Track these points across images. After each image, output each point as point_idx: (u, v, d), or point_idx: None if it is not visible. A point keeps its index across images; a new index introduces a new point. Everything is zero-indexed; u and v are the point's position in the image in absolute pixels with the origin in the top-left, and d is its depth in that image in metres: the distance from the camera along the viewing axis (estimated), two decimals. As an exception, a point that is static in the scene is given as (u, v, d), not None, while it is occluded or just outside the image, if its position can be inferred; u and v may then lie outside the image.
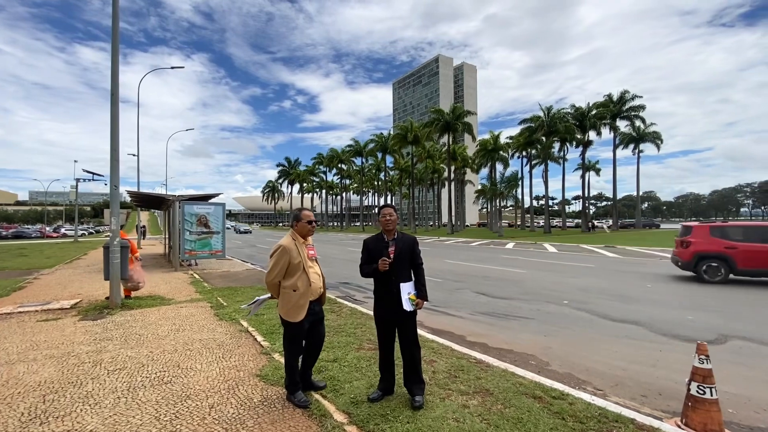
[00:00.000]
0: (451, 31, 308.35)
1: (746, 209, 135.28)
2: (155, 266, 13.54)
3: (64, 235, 53.03)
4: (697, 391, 2.92)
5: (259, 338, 4.82)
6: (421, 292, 3.13)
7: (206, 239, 12.55)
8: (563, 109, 41.38)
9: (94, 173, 29.56)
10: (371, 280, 3.22)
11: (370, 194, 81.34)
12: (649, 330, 5.62)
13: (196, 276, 10.82)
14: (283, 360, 3.61)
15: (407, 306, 3.00)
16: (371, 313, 6.53)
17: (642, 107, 43.07)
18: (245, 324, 5.49)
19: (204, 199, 13.83)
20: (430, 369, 3.82)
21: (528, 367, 4.23)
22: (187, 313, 6.36)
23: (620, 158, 46.27)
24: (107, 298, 6.96)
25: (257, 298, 3.49)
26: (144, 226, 25.42)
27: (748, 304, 7.19)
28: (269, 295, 3.27)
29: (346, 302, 7.32)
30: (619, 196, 52.07)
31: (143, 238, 24.48)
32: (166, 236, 17.59)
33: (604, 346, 4.96)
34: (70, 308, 6.71)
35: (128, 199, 20.17)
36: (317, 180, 77.18)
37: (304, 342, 3.18)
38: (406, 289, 3.04)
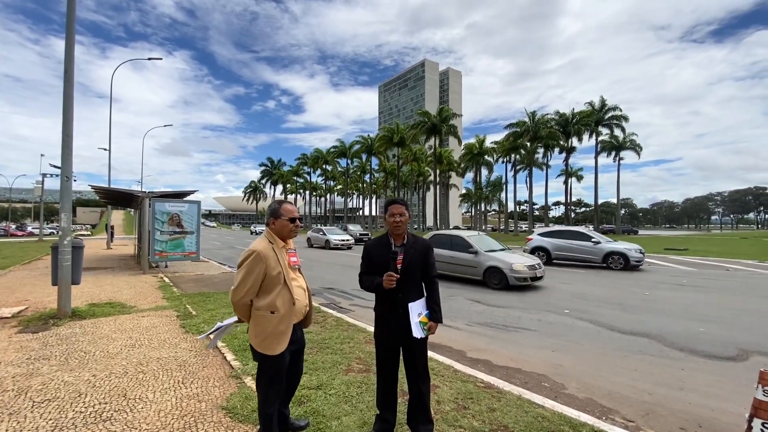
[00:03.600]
0: (435, 37, 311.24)
1: (717, 217, 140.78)
2: (122, 268, 12.50)
3: (31, 234, 50.25)
4: (762, 431, 2.40)
5: (230, 356, 4.10)
6: (434, 313, 2.49)
7: (179, 240, 11.62)
8: (548, 114, 41.80)
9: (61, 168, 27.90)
10: (359, 284, 2.57)
11: (354, 196, 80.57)
12: (662, 344, 5.17)
13: (166, 280, 9.91)
14: (255, 386, 2.77)
15: (417, 332, 2.37)
16: (360, 324, 5.90)
17: (625, 117, 43.95)
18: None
19: (178, 196, 12.87)
20: (434, 398, 3.20)
21: (543, 391, 3.67)
22: (148, 324, 5.56)
23: (598, 166, 46.85)
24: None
25: (219, 323, 2.56)
26: (113, 226, 23.95)
27: (754, 314, 6.87)
28: (236, 318, 2.48)
29: (330, 311, 6.65)
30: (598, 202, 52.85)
31: (111, 240, 23.03)
32: (136, 236, 16.45)
33: (620, 364, 4.46)
34: (11, 317, 5.80)
35: (95, 194, 18.80)
36: (301, 181, 75.84)
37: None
38: (417, 310, 2.40)
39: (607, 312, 7.00)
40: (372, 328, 5.41)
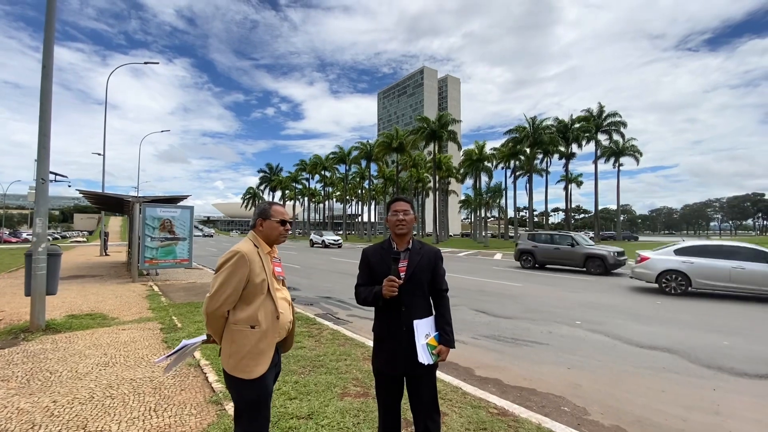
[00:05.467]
0: (433, 45, 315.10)
1: (716, 223, 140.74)
2: (112, 276, 12.04)
3: (26, 240, 49.70)
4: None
5: (212, 377, 3.67)
6: (445, 335, 2.04)
7: (170, 246, 11.18)
8: (547, 120, 41.62)
9: (57, 174, 27.49)
10: (355, 297, 2.15)
11: (353, 202, 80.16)
12: (687, 360, 4.76)
13: (155, 288, 9.47)
14: (234, 422, 2.11)
15: (424, 356, 1.92)
16: (357, 337, 5.45)
17: (624, 123, 43.91)
18: (197, 355, 4.32)
19: (170, 201, 12.46)
20: (442, 429, 2.78)
21: (563, 416, 3.26)
22: (127, 338, 5.12)
23: (593, 172, 46.79)
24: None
25: (185, 341, 2.09)
26: (107, 232, 23.50)
27: (775, 326, 6.47)
28: (203, 337, 2.07)
29: (326, 322, 6.21)
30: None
31: (106, 247, 22.55)
32: (128, 242, 16.01)
33: (644, 383, 4.04)
34: (-20, 331, 5.36)
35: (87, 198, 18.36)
36: (299, 187, 75.46)
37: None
38: (424, 329, 1.98)
39: (620, 323, 6.58)
40: (371, 343, 4.99)
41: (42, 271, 5.37)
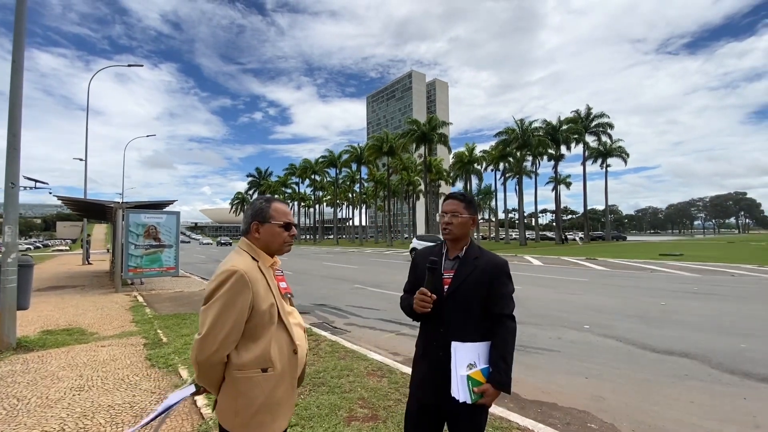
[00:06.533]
0: (420, 50, 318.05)
1: (699, 222, 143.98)
2: (93, 286, 11.44)
3: None
4: None
5: (200, 401, 3.28)
6: (497, 372, 1.55)
7: (156, 254, 10.67)
8: (535, 122, 41.89)
9: (36, 180, 26.40)
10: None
11: (344, 206, 79.67)
12: (708, 365, 4.52)
13: (140, 299, 8.95)
14: None
15: (460, 391, 1.49)
16: (358, 349, 5.04)
17: (611, 125, 44.50)
18: (185, 374, 3.92)
19: (155, 207, 11.93)
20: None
21: (593, 436, 2.96)
22: (107, 356, 4.68)
23: (581, 174, 47.32)
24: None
25: (168, 401, 1.58)
26: (89, 240, 22.67)
27: (785, 325, 6.31)
28: (192, 388, 1.57)
29: (323, 332, 5.85)
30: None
31: (88, 255, 21.72)
32: (111, 250, 15.34)
33: (669, 393, 3.77)
34: (-58, 351, 4.85)
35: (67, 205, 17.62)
36: (289, 192, 74.72)
37: None
38: (466, 357, 1.55)
39: (630, 326, 6.35)
40: (375, 355, 4.65)
41: (12, 284, 4.90)
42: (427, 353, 1.66)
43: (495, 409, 3.24)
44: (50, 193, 36.64)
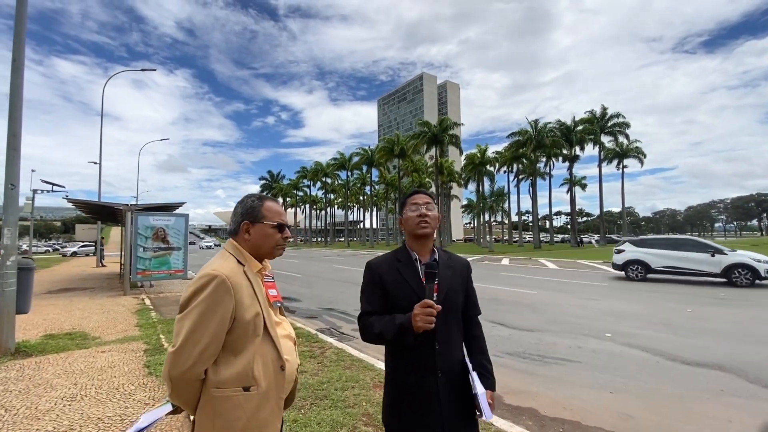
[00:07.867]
0: (430, 52, 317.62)
1: (720, 224, 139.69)
2: (104, 289, 11.46)
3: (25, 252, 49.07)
4: None
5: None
6: (487, 375, 1.46)
7: (164, 256, 10.61)
8: (549, 123, 41.11)
9: (54, 183, 27.12)
10: (360, 333, 1.53)
11: (355, 209, 79.68)
12: (744, 379, 4.13)
13: (147, 302, 8.88)
14: None
15: (485, 411, 1.29)
16: (365, 357, 4.68)
17: (627, 124, 43.37)
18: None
19: (164, 209, 11.92)
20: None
21: (623, 462, 2.64)
22: (105, 362, 4.53)
23: (595, 175, 46.20)
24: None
25: (143, 419, 1.35)
26: (101, 243, 22.98)
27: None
28: (168, 407, 1.37)
29: (329, 339, 5.62)
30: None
31: (102, 257, 22.00)
32: (121, 253, 15.46)
33: (705, 411, 3.42)
34: (-57, 355, 4.77)
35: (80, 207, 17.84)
36: (301, 194, 75.08)
37: None
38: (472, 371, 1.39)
39: (655, 335, 5.95)
40: (382, 365, 4.37)
41: (11, 287, 4.80)
42: (420, 381, 1.37)
43: (512, 428, 2.95)
44: (65, 196, 37.36)
